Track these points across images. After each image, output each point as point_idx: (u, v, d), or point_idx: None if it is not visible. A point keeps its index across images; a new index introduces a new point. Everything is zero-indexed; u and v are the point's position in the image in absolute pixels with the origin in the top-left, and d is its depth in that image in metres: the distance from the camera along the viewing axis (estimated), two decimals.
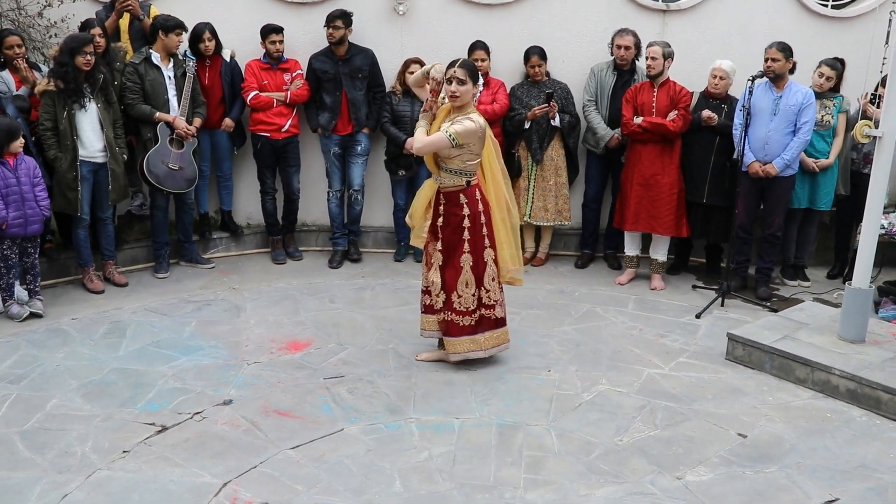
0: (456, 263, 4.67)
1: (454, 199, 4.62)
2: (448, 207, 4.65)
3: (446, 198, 4.65)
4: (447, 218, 4.66)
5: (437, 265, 4.73)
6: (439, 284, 4.72)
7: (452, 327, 4.75)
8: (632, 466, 3.79)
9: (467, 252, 4.65)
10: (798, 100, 5.99)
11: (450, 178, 4.59)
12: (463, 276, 4.67)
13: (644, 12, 7.13)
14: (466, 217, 4.62)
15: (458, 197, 4.62)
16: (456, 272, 4.68)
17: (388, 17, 7.15)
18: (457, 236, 4.65)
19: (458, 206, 4.62)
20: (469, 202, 4.62)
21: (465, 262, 4.66)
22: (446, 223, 4.67)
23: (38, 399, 4.35)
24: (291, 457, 3.82)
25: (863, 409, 4.43)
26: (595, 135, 6.78)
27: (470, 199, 4.62)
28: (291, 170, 7.03)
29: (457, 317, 4.72)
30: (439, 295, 4.73)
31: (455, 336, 4.76)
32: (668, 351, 5.23)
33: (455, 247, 4.67)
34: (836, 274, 6.94)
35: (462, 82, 4.46)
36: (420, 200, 4.79)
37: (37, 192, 5.54)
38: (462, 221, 4.63)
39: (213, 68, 6.76)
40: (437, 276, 4.72)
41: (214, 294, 6.20)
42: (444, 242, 4.70)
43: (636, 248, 6.69)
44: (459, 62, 4.52)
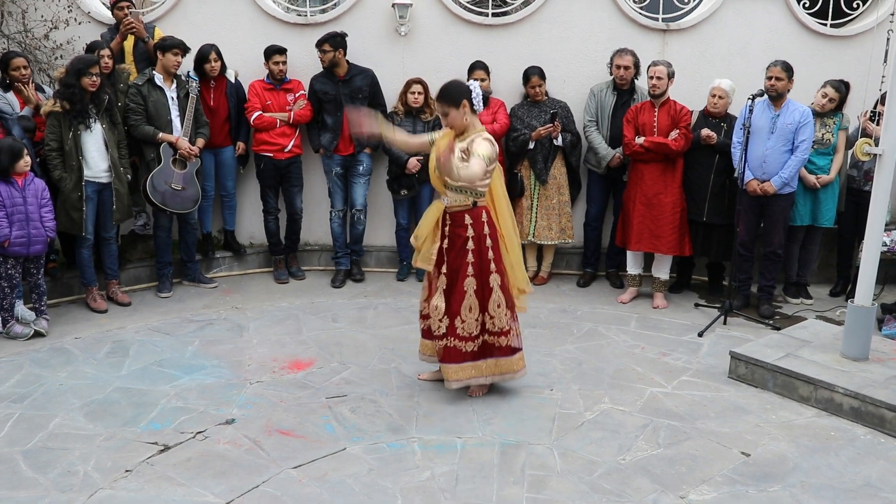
0: (460, 287, 4.48)
1: (459, 220, 4.47)
2: (453, 228, 4.49)
3: (451, 218, 4.49)
4: (452, 239, 4.50)
5: (441, 289, 4.54)
6: (443, 309, 4.52)
7: (454, 353, 4.54)
8: (634, 486, 3.78)
9: (471, 275, 4.46)
10: (795, 118, 6.02)
11: (456, 198, 4.45)
12: (466, 301, 4.48)
13: (644, 32, 7.19)
14: (471, 239, 4.46)
15: (464, 217, 4.46)
16: (460, 296, 4.48)
17: (390, 37, 7.22)
18: (461, 259, 4.47)
19: (463, 227, 4.46)
20: (474, 223, 4.46)
21: (468, 286, 4.47)
22: (451, 245, 4.50)
23: (40, 418, 4.34)
24: (294, 476, 3.81)
25: (867, 427, 4.41)
26: (597, 155, 6.81)
27: (475, 220, 4.46)
28: (294, 190, 7.07)
29: (459, 342, 4.52)
30: (442, 320, 4.52)
31: (457, 363, 4.56)
32: (671, 369, 5.22)
33: (459, 270, 4.48)
34: (839, 291, 6.94)
35: (444, 112, 4.41)
36: (427, 221, 4.62)
37: (43, 214, 5.56)
38: (466, 243, 4.46)
39: (219, 89, 6.82)
40: (442, 300, 4.53)
41: (217, 313, 6.21)
42: (448, 265, 4.52)
43: (638, 267, 6.70)
44: (437, 94, 4.47)
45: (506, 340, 4.59)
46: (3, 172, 5.37)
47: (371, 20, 7.19)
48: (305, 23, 7.23)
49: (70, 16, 6.83)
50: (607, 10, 7.19)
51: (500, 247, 4.57)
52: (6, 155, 5.35)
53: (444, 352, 4.58)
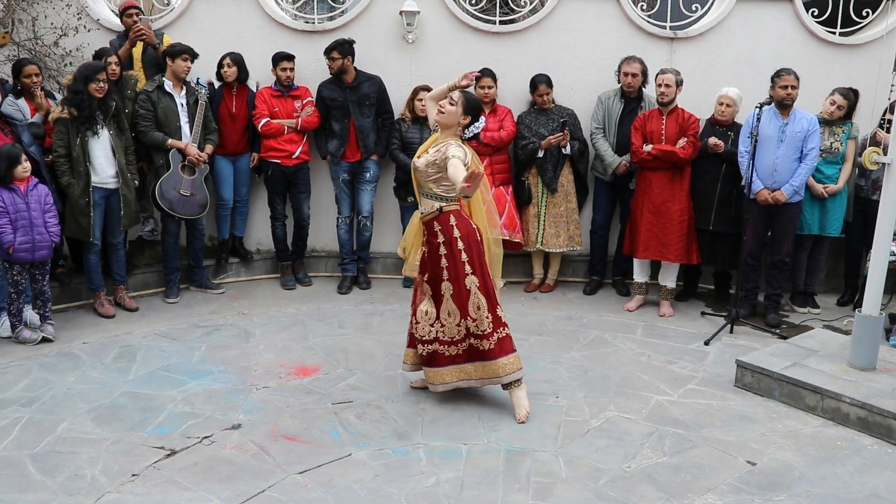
0: (437, 292, 4.55)
1: (430, 228, 4.53)
2: (428, 237, 4.56)
3: (425, 227, 4.57)
4: (428, 247, 4.57)
5: (428, 295, 4.62)
6: (434, 315, 4.57)
7: (437, 357, 4.58)
8: (640, 493, 3.77)
9: (447, 280, 4.48)
10: (804, 126, 6.01)
11: (427, 204, 4.52)
12: (444, 305, 4.52)
13: (652, 40, 7.20)
14: (442, 244, 4.48)
15: (433, 225, 4.50)
16: (439, 301, 4.55)
17: (398, 44, 7.24)
18: (436, 265, 4.51)
19: (434, 235, 4.50)
20: (443, 229, 4.47)
21: (445, 291, 4.50)
22: (428, 252, 4.57)
23: (48, 422, 4.36)
24: (299, 481, 3.81)
25: (874, 437, 4.39)
26: (603, 162, 6.82)
27: (444, 225, 4.47)
28: (301, 196, 7.09)
29: (441, 346, 4.56)
30: (434, 325, 4.57)
31: (441, 366, 4.59)
32: (677, 378, 5.21)
33: (437, 276, 4.53)
34: (847, 301, 6.92)
35: (452, 103, 4.42)
36: (410, 231, 4.79)
37: (47, 219, 5.59)
38: (438, 249, 4.49)
39: (241, 97, 6.88)
40: (431, 305, 4.59)
41: (224, 319, 6.23)
42: (428, 273, 4.59)
43: (645, 275, 6.70)
44: (464, 90, 4.53)
45: (489, 343, 4.50)
46: (1, 179, 5.40)
47: (379, 27, 7.22)
48: (313, 30, 7.26)
49: (79, 23, 6.89)
50: (615, 18, 7.20)
51: (478, 249, 4.52)
52: (3, 161, 5.37)
53: (428, 356, 4.61)
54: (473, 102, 4.49)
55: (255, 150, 7.05)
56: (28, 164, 5.49)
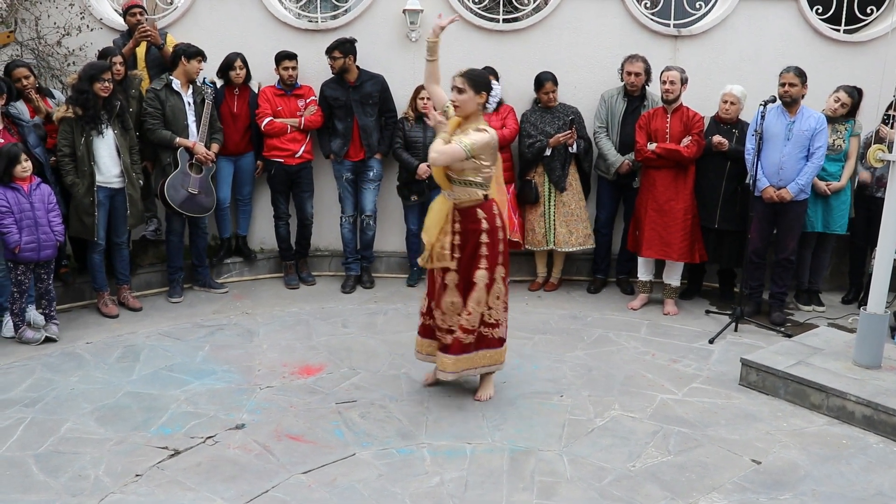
0: (471, 281, 4.49)
1: (471, 215, 4.45)
2: (465, 224, 4.46)
3: (462, 214, 4.46)
4: (465, 235, 4.47)
5: (452, 284, 4.52)
6: (460, 304, 4.53)
7: (457, 345, 4.56)
8: (644, 492, 3.76)
9: (483, 269, 4.47)
10: (811, 125, 5.99)
11: (464, 192, 4.42)
12: (475, 294, 4.49)
13: (655, 38, 7.18)
14: (485, 232, 4.44)
15: (476, 212, 4.44)
16: (470, 290, 4.50)
17: (401, 43, 7.23)
18: (474, 253, 4.46)
19: (476, 222, 4.44)
20: (487, 216, 4.45)
21: (479, 279, 4.48)
22: (464, 241, 4.47)
23: (52, 422, 4.37)
24: (303, 481, 3.81)
25: (879, 435, 4.39)
26: (606, 161, 6.80)
27: (488, 212, 4.46)
28: (305, 195, 7.09)
29: (462, 334, 4.54)
30: (461, 314, 4.53)
31: (456, 354, 4.57)
32: (681, 376, 5.20)
33: (471, 263, 4.47)
34: (851, 299, 6.91)
35: (460, 91, 4.35)
36: (435, 218, 4.56)
37: (51, 218, 5.59)
38: (480, 237, 4.44)
39: (242, 97, 6.89)
40: (458, 295, 4.53)
41: (227, 319, 6.23)
42: (460, 261, 4.49)
43: (649, 274, 6.68)
44: (463, 70, 4.43)
45: (497, 332, 4.66)
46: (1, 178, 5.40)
47: (382, 26, 7.21)
48: (316, 28, 7.25)
49: (82, 22, 6.88)
50: (618, 16, 7.19)
51: (506, 239, 4.58)
52: (3, 160, 5.37)
53: (448, 343, 4.60)
54: (479, 77, 4.42)
55: (257, 151, 7.05)
56: (28, 164, 5.49)
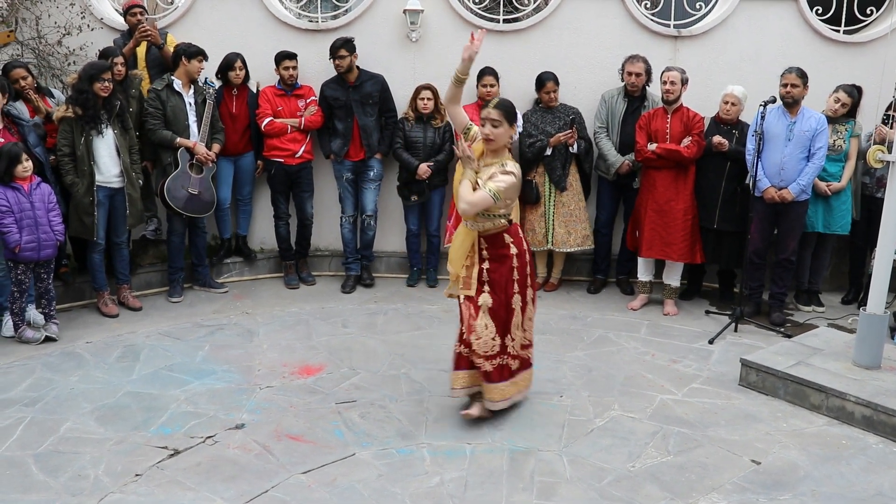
0: (509, 306, 4.37)
1: (499, 241, 4.34)
2: (493, 251, 4.35)
3: (489, 241, 4.34)
4: (496, 261, 4.35)
5: (485, 308, 4.33)
6: (493, 328, 4.34)
7: (505, 371, 4.43)
8: (644, 493, 3.76)
9: (517, 293, 4.37)
10: (812, 125, 5.99)
11: (489, 222, 4.27)
12: (516, 318, 4.39)
13: (655, 38, 7.18)
14: (515, 257, 4.36)
15: (503, 238, 4.34)
16: (510, 315, 4.38)
17: (401, 43, 7.23)
18: (507, 278, 4.35)
19: (505, 247, 4.34)
20: (514, 241, 4.37)
21: (516, 304, 4.38)
22: (494, 267, 4.35)
23: (52, 422, 4.37)
24: (303, 481, 3.81)
25: (879, 436, 4.39)
26: (606, 161, 6.80)
27: (514, 237, 4.38)
28: (305, 195, 7.09)
29: (511, 360, 4.43)
30: (495, 339, 4.34)
31: (506, 380, 4.44)
32: (681, 377, 5.20)
33: (505, 289, 4.35)
34: (851, 299, 6.91)
35: (496, 124, 4.17)
36: (460, 250, 4.41)
37: (51, 218, 5.59)
38: (511, 262, 4.35)
39: (241, 97, 6.88)
40: (489, 320, 4.33)
41: (227, 318, 6.23)
42: (493, 286, 4.34)
43: (649, 274, 6.68)
44: (495, 102, 4.25)
45: (529, 353, 4.62)
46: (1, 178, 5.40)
47: (382, 26, 7.21)
48: (317, 28, 7.25)
49: (83, 22, 6.88)
50: (619, 17, 7.19)
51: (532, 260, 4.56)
52: (3, 160, 5.37)
53: (494, 371, 4.39)
54: (511, 108, 4.27)
55: (257, 151, 7.06)
56: (29, 164, 5.49)
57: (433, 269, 7.30)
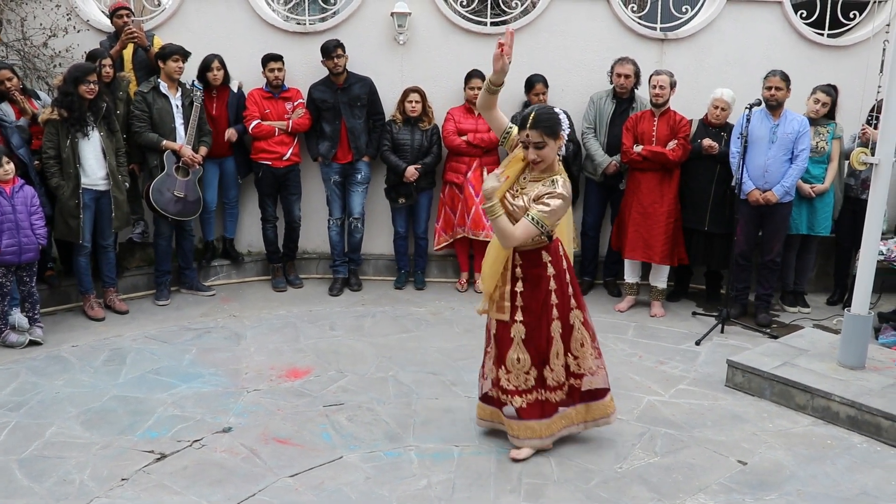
0: (545, 333, 3.95)
1: (536, 259, 3.91)
2: (528, 269, 3.92)
3: (524, 258, 3.91)
4: (530, 281, 3.93)
5: (518, 339, 3.95)
6: (528, 361, 3.96)
7: (547, 407, 4.05)
8: (631, 494, 3.77)
9: (556, 318, 3.95)
10: (795, 127, 6.04)
11: None
12: (554, 347, 3.97)
13: (642, 41, 7.22)
14: (552, 278, 3.92)
15: (541, 256, 3.91)
16: (546, 343, 3.96)
17: (389, 46, 7.23)
18: (544, 302, 3.93)
19: (542, 266, 3.91)
20: (553, 259, 3.92)
21: (555, 331, 3.96)
22: (530, 288, 3.93)
23: (36, 427, 4.34)
24: (290, 485, 3.80)
25: (863, 435, 4.42)
26: (594, 162, 6.81)
27: (554, 255, 3.93)
28: (292, 198, 7.07)
29: (550, 394, 4.04)
30: (529, 372, 3.98)
31: (549, 417, 4.05)
32: (668, 378, 5.22)
33: (542, 314, 3.93)
34: (836, 300, 6.95)
35: (539, 145, 3.71)
36: (494, 265, 3.94)
37: (33, 221, 5.56)
38: (549, 283, 3.92)
39: (221, 99, 6.86)
40: (523, 352, 3.95)
41: (215, 321, 6.21)
42: (527, 311, 3.93)
43: (636, 276, 6.71)
44: (531, 120, 3.69)
45: (591, 382, 4.14)
46: None
47: (370, 29, 7.21)
48: (304, 31, 7.24)
49: (69, 24, 6.85)
50: (605, 20, 7.21)
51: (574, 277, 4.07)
52: None
53: (530, 408, 4.03)
54: (550, 121, 3.73)
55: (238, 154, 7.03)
56: (10, 167, 5.45)
57: (421, 272, 7.30)
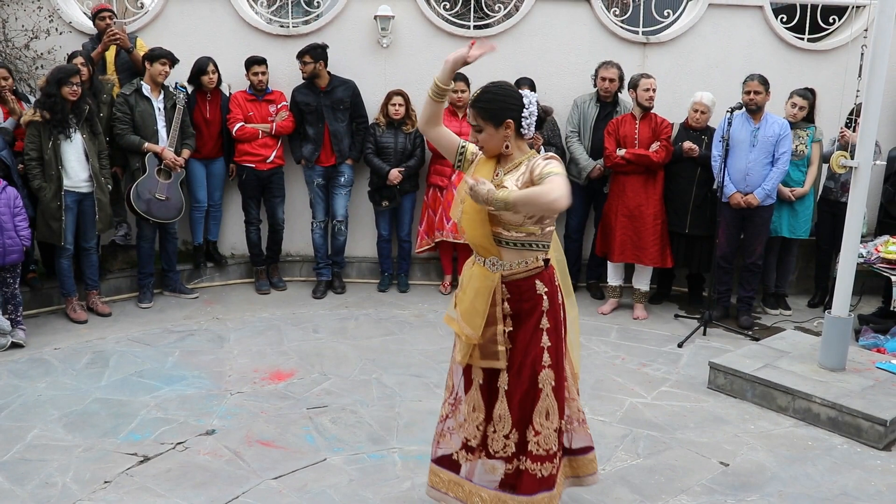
0: (532, 385, 3.07)
1: (528, 291, 3.07)
2: (516, 304, 3.08)
3: (512, 289, 3.07)
4: (519, 319, 3.09)
5: (502, 391, 3.12)
6: (510, 421, 3.10)
7: (528, 481, 3.10)
8: (614, 496, 3.79)
9: (548, 367, 3.07)
10: (775, 131, 6.10)
11: (519, 258, 3.05)
12: (542, 403, 3.07)
13: (624, 45, 7.26)
14: (545, 314, 3.07)
15: (534, 286, 3.06)
16: (532, 398, 3.08)
17: (372, 49, 7.24)
18: (534, 345, 3.06)
19: (536, 299, 3.07)
20: (549, 290, 3.08)
21: (544, 382, 3.07)
22: (518, 327, 3.10)
23: (18, 429, 4.31)
24: (274, 487, 3.80)
25: (844, 436, 4.46)
26: (577, 166, 6.84)
27: (549, 285, 3.09)
28: (276, 200, 7.06)
29: (533, 464, 3.09)
30: (510, 436, 3.11)
31: (531, 493, 3.09)
32: (651, 380, 5.25)
33: (531, 360, 3.07)
34: (817, 302, 7.00)
35: (476, 129, 3.07)
36: (475, 300, 3.09)
37: (17, 223, 5.53)
38: (540, 321, 3.06)
39: (214, 102, 6.84)
40: (505, 407, 3.12)
41: (198, 324, 6.18)
42: (513, 355, 3.11)
43: (619, 278, 6.74)
44: (475, 99, 3.08)
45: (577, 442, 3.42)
46: None
47: (353, 32, 7.21)
48: (288, 34, 7.24)
49: (51, 26, 6.81)
50: (588, 24, 7.25)
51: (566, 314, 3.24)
52: None
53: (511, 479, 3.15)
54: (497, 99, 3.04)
55: (229, 156, 7.01)
56: None
57: (404, 275, 7.31)
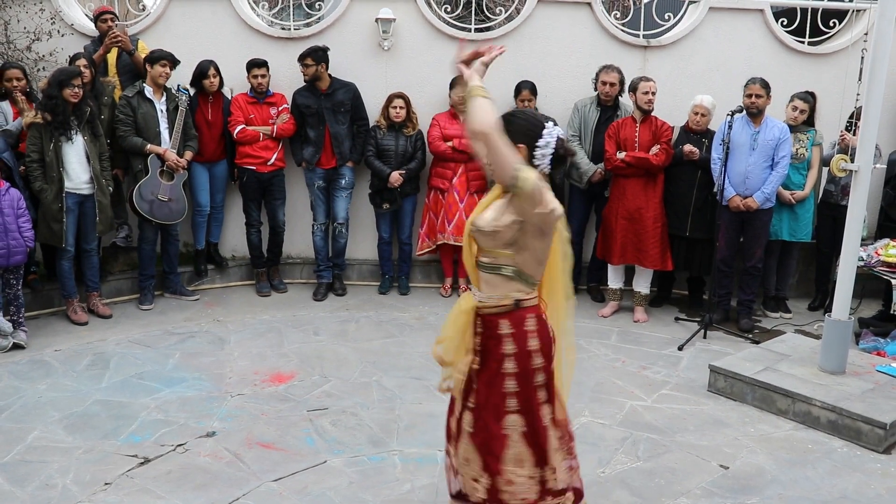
0: (496, 429, 2.83)
1: (492, 328, 2.85)
2: (484, 340, 2.88)
3: (483, 324, 2.88)
4: (483, 355, 2.89)
5: (466, 430, 2.90)
6: (478, 464, 2.87)
7: None
8: (614, 498, 3.80)
9: (514, 412, 2.82)
10: (775, 134, 6.10)
11: (490, 290, 2.83)
12: (511, 450, 2.82)
13: (625, 48, 7.27)
14: (509, 358, 2.81)
15: (497, 325, 2.83)
16: (499, 443, 2.82)
17: (373, 51, 7.25)
18: (495, 386, 2.83)
19: (497, 339, 2.83)
20: (515, 333, 2.81)
21: (511, 428, 2.82)
22: (483, 365, 2.88)
23: (19, 431, 4.31)
24: (274, 489, 3.80)
25: (843, 440, 4.46)
26: (578, 170, 6.84)
27: (517, 327, 2.82)
28: (277, 203, 7.07)
29: None
30: (479, 480, 2.87)
31: None
32: (651, 383, 5.25)
33: (493, 402, 2.83)
34: (818, 306, 7.00)
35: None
36: (456, 325, 2.90)
37: (20, 224, 5.54)
38: (502, 365, 2.82)
39: (216, 105, 6.85)
40: (470, 447, 2.89)
41: (198, 326, 6.19)
42: (476, 394, 2.88)
43: (619, 281, 6.74)
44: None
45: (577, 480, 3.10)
46: None
47: (355, 34, 7.22)
48: (289, 37, 7.25)
49: (53, 28, 6.83)
50: (589, 27, 7.26)
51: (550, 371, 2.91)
52: None
53: None
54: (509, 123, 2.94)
55: (230, 159, 7.03)
56: None
57: (405, 277, 7.31)
